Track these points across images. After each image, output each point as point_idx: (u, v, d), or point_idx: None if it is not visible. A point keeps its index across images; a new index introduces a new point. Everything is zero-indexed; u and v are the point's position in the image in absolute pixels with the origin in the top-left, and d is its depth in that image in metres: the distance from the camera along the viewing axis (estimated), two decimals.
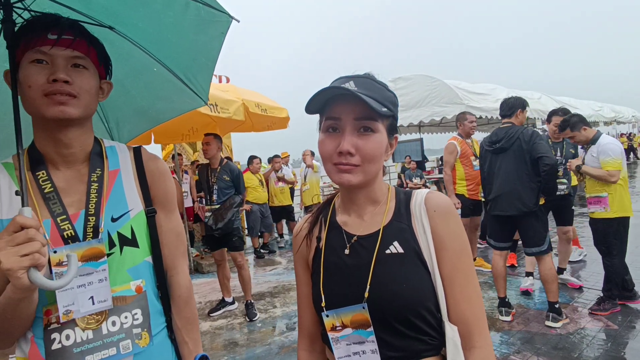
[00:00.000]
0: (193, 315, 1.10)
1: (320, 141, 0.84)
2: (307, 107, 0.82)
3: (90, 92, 0.93)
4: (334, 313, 0.84)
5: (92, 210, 0.93)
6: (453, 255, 0.81)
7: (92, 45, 0.95)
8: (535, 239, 3.27)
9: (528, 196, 3.22)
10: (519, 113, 3.41)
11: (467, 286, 0.81)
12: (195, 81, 1.39)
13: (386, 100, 0.81)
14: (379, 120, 0.80)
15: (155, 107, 1.53)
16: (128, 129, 1.59)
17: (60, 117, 0.87)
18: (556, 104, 11.12)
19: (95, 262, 0.90)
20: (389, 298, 0.79)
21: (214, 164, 4.08)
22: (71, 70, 0.89)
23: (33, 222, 0.73)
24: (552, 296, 3.28)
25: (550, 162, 3.10)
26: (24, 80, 0.87)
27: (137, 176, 1.04)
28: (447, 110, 7.50)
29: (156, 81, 1.37)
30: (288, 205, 7.71)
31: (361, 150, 0.79)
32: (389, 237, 0.84)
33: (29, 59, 0.87)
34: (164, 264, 1.06)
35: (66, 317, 0.87)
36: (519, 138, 3.27)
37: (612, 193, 3.36)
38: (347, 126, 0.79)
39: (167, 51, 1.28)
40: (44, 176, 0.92)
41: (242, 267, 4.08)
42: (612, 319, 3.30)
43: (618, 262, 3.38)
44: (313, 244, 0.95)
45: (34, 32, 0.88)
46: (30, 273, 0.72)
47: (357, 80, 0.80)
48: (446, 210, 0.84)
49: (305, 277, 0.97)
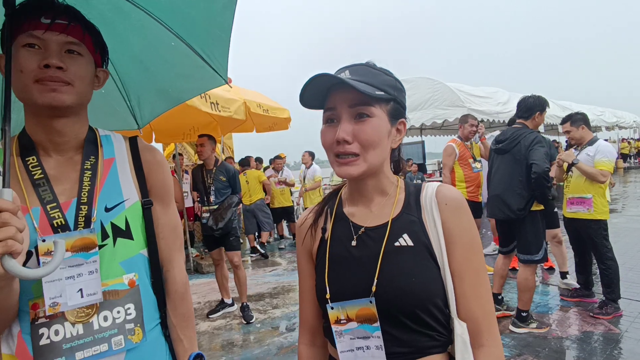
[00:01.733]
0: (189, 312, 1.07)
1: (321, 133, 0.82)
2: (300, 99, 0.80)
3: (84, 80, 0.89)
4: (339, 306, 0.81)
5: (85, 198, 0.89)
6: (463, 250, 0.79)
7: (88, 32, 0.91)
8: (527, 245, 3.18)
9: (515, 201, 3.14)
10: (537, 116, 3.22)
11: (477, 282, 0.79)
12: (212, 56, 1.35)
13: (384, 84, 0.79)
14: (375, 105, 0.78)
15: (175, 85, 1.50)
16: (149, 108, 1.56)
17: (52, 104, 0.83)
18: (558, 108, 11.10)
19: (86, 252, 0.87)
20: (397, 293, 0.77)
21: (208, 165, 4.07)
22: (65, 56, 0.86)
23: (9, 204, 0.67)
24: (521, 304, 3.26)
25: (537, 170, 3.01)
26: (14, 65, 0.83)
27: (133, 166, 1.00)
28: (449, 113, 7.48)
29: (174, 57, 1.33)
30: (289, 206, 7.75)
31: (358, 137, 0.77)
32: (398, 229, 0.82)
33: (20, 42, 0.83)
34: (159, 257, 1.03)
35: (52, 310, 0.83)
36: (520, 142, 3.17)
37: (595, 195, 3.41)
38: (343, 114, 0.78)
39: (181, 22, 1.23)
40: (34, 162, 0.89)
41: (238, 268, 4.07)
42: (614, 323, 3.27)
43: (612, 263, 3.39)
44: (318, 234, 0.92)
45: (27, 15, 0.84)
46: (4, 261, 0.66)
47: (353, 68, 0.79)
48: (458, 204, 0.81)
49: (308, 269, 0.95)
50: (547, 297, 4.00)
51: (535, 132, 3.20)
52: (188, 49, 1.28)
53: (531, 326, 3.23)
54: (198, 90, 1.58)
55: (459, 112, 6.74)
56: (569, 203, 3.60)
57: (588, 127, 3.54)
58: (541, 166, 3.01)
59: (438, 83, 7.89)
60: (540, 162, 3.02)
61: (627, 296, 3.70)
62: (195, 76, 1.44)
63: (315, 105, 0.83)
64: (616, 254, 3.46)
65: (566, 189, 3.68)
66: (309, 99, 0.81)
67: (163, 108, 1.60)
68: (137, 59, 1.32)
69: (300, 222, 0.99)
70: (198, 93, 1.60)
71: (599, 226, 3.44)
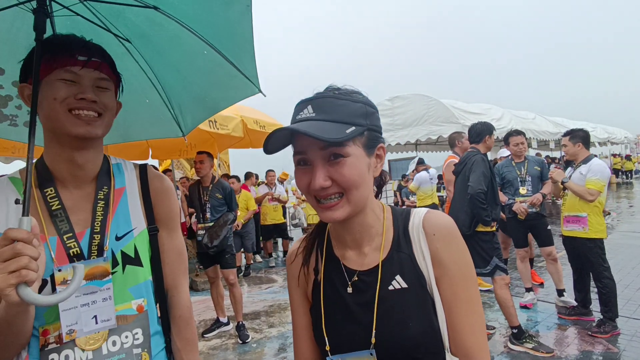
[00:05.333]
0: (193, 336, 1.08)
1: (295, 175, 0.77)
2: (265, 151, 0.74)
3: (112, 112, 0.96)
4: (339, 358, 0.79)
5: (98, 228, 0.93)
6: (455, 282, 0.75)
7: (112, 69, 0.98)
8: (476, 261, 3.33)
9: (461, 220, 3.30)
10: (487, 139, 3.50)
11: (470, 315, 0.75)
12: (242, 64, 1.39)
13: (353, 115, 0.72)
14: (348, 143, 0.71)
15: (210, 95, 1.55)
16: (190, 116, 1.62)
17: (86, 136, 0.89)
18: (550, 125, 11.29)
19: (100, 280, 0.90)
20: (396, 340, 0.75)
21: (205, 182, 4.07)
22: (96, 90, 0.92)
23: (23, 234, 0.70)
24: (509, 320, 3.29)
25: (470, 191, 3.24)
26: (48, 94, 0.87)
27: (141, 194, 1.04)
28: (444, 129, 7.60)
29: (208, 65, 1.38)
30: (281, 223, 7.65)
31: (337, 180, 0.71)
32: (390, 271, 0.78)
33: (57, 76, 0.88)
34: (165, 283, 1.05)
35: (69, 337, 0.85)
36: (466, 164, 3.41)
37: (591, 214, 3.45)
38: (315, 159, 0.72)
39: (206, 29, 1.27)
40: (52, 193, 0.92)
41: (233, 286, 4.02)
42: (612, 342, 3.26)
43: (609, 282, 3.40)
44: (310, 275, 0.88)
45: (62, 51, 0.89)
46: (19, 290, 0.69)
47: (316, 102, 0.72)
48: (447, 232, 0.77)
49: (303, 307, 0.90)
50: (544, 315, 3.98)
51: (479, 155, 3.41)
52: (220, 57, 1.32)
53: (526, 345, 3.21)
54: (233, 99, 1.62)
55: (453, 128, 6.83)
56: (565, 221, 3.63)
57: (585, 145, 3.60)
58: (474, 188, 3.22)
59: (432, 100, 8.03)
60: (474, 183, 3.23)
61: (625, 314, 3.70)
62: (230, 85, 1.49)
63: (280, 148, 0.76)
64: (612, 271, 3.47)
65: (563, 207, 3.72)
66: (273, 148, 0.74)
67: (203, 116, 1.66)
68: (175, 68, 1.38)
69: (289, 259, 0.94)
70: (234, 102, 1.64)
71: (595, 245, 3.46)
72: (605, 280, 3.39)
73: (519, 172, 4.21)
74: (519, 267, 4.32)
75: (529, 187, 4.13)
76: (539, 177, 4.18)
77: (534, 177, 4.15)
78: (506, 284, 3.27)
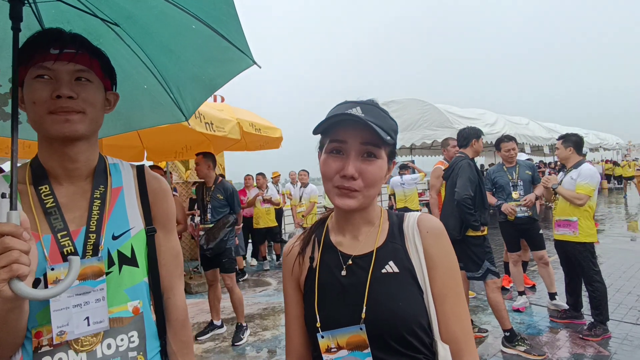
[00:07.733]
0: (189, 339, 1.07)
1: (323, 161, 0.85)
2: (316, 130, 0.84)
3: (95, 106, 0.91)
4: (329, 334, 0.83)
5: (93, 227, 0.91)
6: (444, 274, 0.84)
7: (95, 58, 0.93)
8: (468, 265, 3.40)
9: (451, 224, 3.34)
10: (474, 143, 3.54)
11: (457, 304, 0.83)
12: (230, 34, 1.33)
13: (390, 128, 0.84)
14: (382, 147, 0.83)
15: (207, 72, 1.50)
16: (190, 98, 1.57)
17: (66, 134, 0.86)
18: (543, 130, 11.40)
19: (93, 280, 0.87)
20: (385, 316, 0.80)
21: (208, 183, 4.06)
22: (75, 84, 0.88)
23: (10, 228, 0.68)
24: (502, 323, 3.32)
25: (457, 197, 3.29)
26: (28, 97, 0.85)
27: (139, 194, 1.02)
28: (438, 134, 7.67)
29: (198, 41, 1.33)
30: (274, 227, 7.47)
31: (364, 175, 0.81)
32: (383, 257, 0.86)
33: (32, 75, 0.85)
34: (161, 285, 1.04)
35: (60, 339, 0.83)
36: (454, 169, 3.45)
37: (581, 218, 3.50)
38: (353, 150, 0.81)
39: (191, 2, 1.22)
40: (46, 190, 0.90)
41: (232, 291, 3.97)
42: (603, 345, 3.29)
43: (600, 285, 3.44)
44: (306, 264, 0.94)
45: (36, 47, 0.86)
46: (12, 284, 0.67)
47: (364, 106, 0.82)
48: (438, 232, 0.88)
49: (296, 296, 0.95)
50: (536, 318, 4.02)
51: (466, 160, 3.45)
52: (209, 29, 1.29)
53: (519, 348, 3.23)
54: (229, 73, 1.56)
55: (447, 133, 6.91)
56: (556, 225, 3.69)
57: (577, 151, 3.65)
58: (460, 193, 3.27)
59: (427, 104, 8.10)
60: (460, 189, 3.28)
61: (616, 317, 3.75)
62: (223, 58, 1.44)
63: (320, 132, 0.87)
64: (603, 275, 3.52)
65: (554, 211, 3.77)
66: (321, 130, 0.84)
67: (202, 97, 1.61)
68: (167, 48, 1.34)
69: (286, 251, 1.00)
70: (230, 77, 1.57)
71: (585, 249, 3.50)
72: (596, 283, 3.44)
73: (511, 177, 4.25)
74: (511, 271, 4.35)
75: (521, 191, 4.16)
76: (530, 182, 4.22)
77: (526, 181, 4.20)
78: (498, 287, 3.30)
